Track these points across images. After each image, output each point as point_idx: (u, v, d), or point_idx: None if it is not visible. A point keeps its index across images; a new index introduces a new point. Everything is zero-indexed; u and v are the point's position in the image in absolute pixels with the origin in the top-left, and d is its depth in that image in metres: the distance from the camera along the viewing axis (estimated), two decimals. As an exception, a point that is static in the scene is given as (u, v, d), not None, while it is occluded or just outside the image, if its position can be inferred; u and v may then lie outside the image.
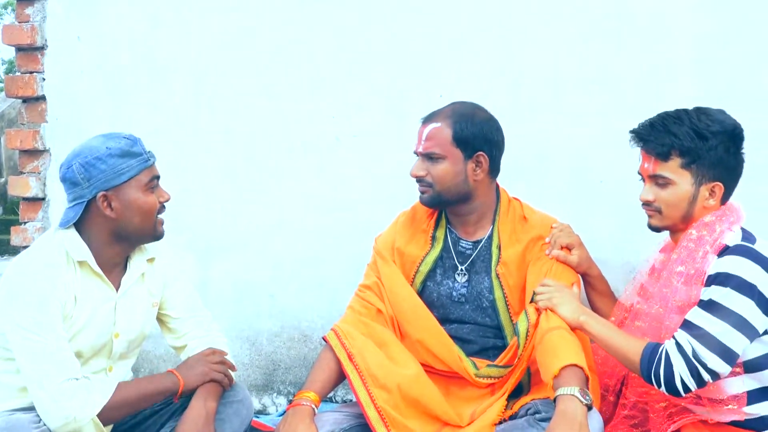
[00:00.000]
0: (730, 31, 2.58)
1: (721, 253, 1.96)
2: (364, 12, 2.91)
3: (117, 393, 2.03)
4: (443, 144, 2.23)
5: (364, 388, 2.12)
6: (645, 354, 1.95)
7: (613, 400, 2.22)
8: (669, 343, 1.94)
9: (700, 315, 1.92)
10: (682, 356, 1.90)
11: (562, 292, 2.12)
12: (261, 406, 3.10)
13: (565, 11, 2.71)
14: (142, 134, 2.23)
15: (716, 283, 1.92)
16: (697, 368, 1.89)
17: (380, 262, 2.38)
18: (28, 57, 3.22)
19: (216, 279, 3.11)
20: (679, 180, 2.02)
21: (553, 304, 2.09)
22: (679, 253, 2.03)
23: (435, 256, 2.34)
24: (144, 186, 2.10)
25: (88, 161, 2.05)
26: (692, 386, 1.90)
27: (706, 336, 1.89)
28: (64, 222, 2.09)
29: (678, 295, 2.00)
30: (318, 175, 2.99)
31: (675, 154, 2.01)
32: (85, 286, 2.09)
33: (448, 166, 2.24)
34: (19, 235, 3.25)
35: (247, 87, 3.03)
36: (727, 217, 2.02)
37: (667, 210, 2.05)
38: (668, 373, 1.91)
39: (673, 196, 2.03)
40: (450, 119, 2.24)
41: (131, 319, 2.18)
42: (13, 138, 3.25)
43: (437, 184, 2.25)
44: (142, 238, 2.17)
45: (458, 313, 2.31)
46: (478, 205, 2.31)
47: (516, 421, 2.06)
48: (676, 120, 2.03)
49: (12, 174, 3.58)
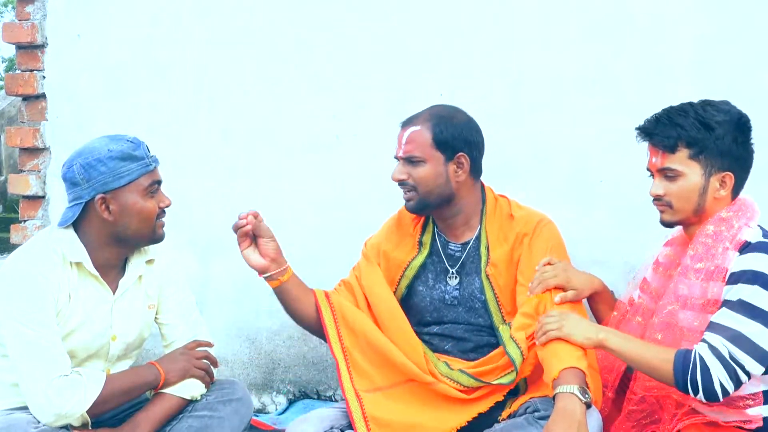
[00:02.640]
0: (730, 31, 2.58)
1: (743, 250, 1.93)
2: (365, 12, 2.91)
3: (105, 387, 2.04)
4: (423, 147, 2.23)
5: (334, 324, 2.26)
6: (677, 362, 1.89)
7: (612, 396, 2.20)
8: (701, 348, 1.88)
9: (731, 316, 1.87)
10: (719, 359, 1.84)
11: (569, 318, 2.03)
12: (260, 404, 3.10)
13: (565, 11, 2.71)
14: (142, 132, 2.23)
15: (743, 281, 1.88)
16: (735, 370, 1.84)
17: (363, 263, 2.41)
18: (28, 55, 3.22)
19: (216, 277, 3.11)
20: (688, 171, 2.00)
21: (565, 334, 1.99)
22: (696, 249, 2.00)
23: (421, 261, 2.35)
24: (143, 190, 2.08)
25: (88, 162, 2.04)
26: (731, 389, 1.86)
27: (740, 337, 1.84)
28: (63, 221, 2.09)
29: (696, 291, 1.97)
30: (318, 174, 2.99)
31: (682, 145, 1.99)
32: (81, 286, 2.08)
33: (429, 168, 2.23)
34: (19, 233, 3.24)
35: (247, 85, 3.03)
36: (743, 212, 2.00)
37: (678, 203, 2.02)
38: (706, 378, 1.85)
39: (682, 189, 2.01)
40: (429, 122, 2.24)
41: (128, 322, 2.18)
42: (13, 136, 3.25)
43: (420, 187, 2.24)
44: (141, 242, 2.15)
45: (451, 315, 2.32)
46: (463, 207, 2.31)
47: (515, 419, 2.06)
48: (680, 112, 2.02)
49: (12, 172, 3.58)
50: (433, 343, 2.32)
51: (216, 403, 2.19)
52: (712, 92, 2.47)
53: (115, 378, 2.10)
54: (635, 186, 2.19)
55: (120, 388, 2.07)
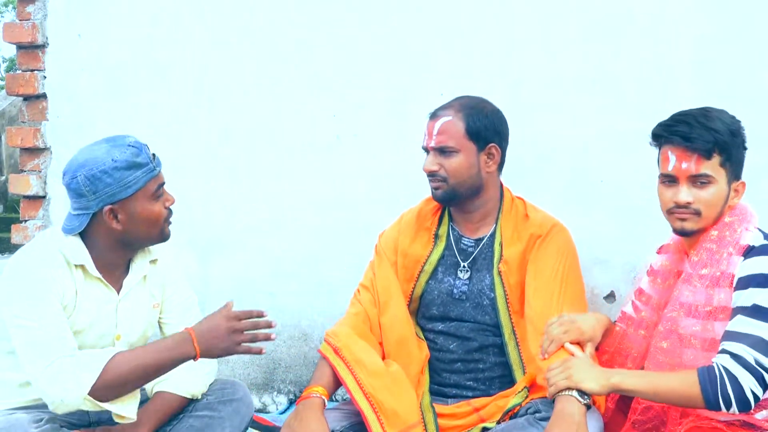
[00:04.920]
0: (730, 32, 2.58)
1: (747, 254, 1.90)
2: (365, 11, 2.91)
3: (110, 370, 1.90)
4: (456, 137, 2.23)
5: (351, 375, 2.13)
6: (703, 381, 1.82)
7: (612, 406, 2.16)
8: (722, 359, 1.83)
9: (748, 322, 1.83)
10: (745, 367, 1.80)
11: (574, 366, 1.94)
12: (261, 404, 3.10)
13: (565, 11, 2.71)
14: (142, 132, 2.23)
15: (753, 285, 1.85)
16: (762, 375, 1.80)
17: (377, 261, 2.40)
18: (29, 55, 3.22)
19: (216, 277, 3.11)
20: (719, 178, 1.94)
21: (575, 382, 1.90)
22: (700, 255, 1.96)
23: (439, 255, 2.34)
24: (150, 195, 2.05)
25: (93, 174, 1.99)
26: (760, 395, 1.82)
27: (762, 342, 1.81)
28: (69, 230, 2.06)
29: (701, 298, 1.94)
30: (318, 173, 2.99)
31: (717, 151, 1.92)
32: (85, 288, 2.07)
33: (462, 159, 2.23)
34: (20, 233, 3.25)
35: (247, 85, 3.03)
36: (744, 216, 1.97)
37: (707, 211, 1.95)
38: (737, 389, 1.80)
39: (713, 196, 1.94)
40: (461, 112, 2.24)
41: (133, 321, 2.17)
42: (14, 136, 3.25)
43: (452, 178, 2.24)
44: (149, 243, 2.14)
45: (458, 311, 2.31)
46: (486, 201, 2.31)
47: (516, 420, 2.06)
48: (706, 116, 1.94)
49: (13, 172, 3.57)
50: (437, 342, 2.32)
51: (216, 403, 2.19)
52: (712, 92, 2.49)
53: (126, 357, 1.94)
54: (636, 186, 2.20)
55: (132, 368, 1.92)
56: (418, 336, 2.34)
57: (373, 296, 2.34)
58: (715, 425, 1.92)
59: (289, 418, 2.09)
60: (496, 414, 2.14)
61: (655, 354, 2.02)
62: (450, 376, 2.30)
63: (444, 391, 2.29)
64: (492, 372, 2.27)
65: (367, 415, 2.06)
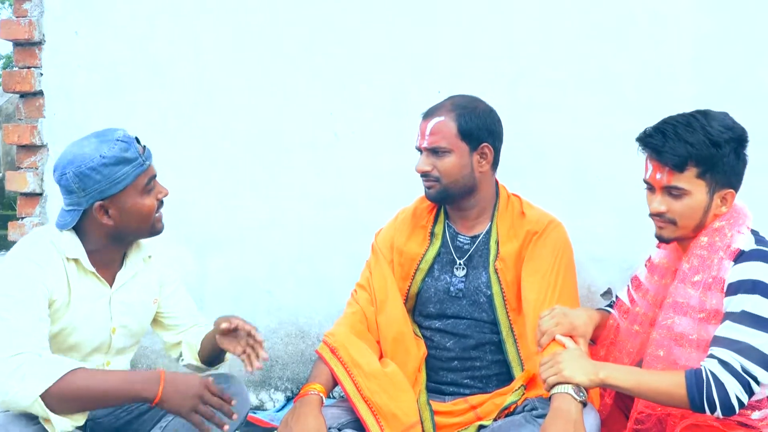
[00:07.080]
0: (730, 31, 2.58)
1: (738, 259, 1.90)
2: (364, 9, 2.90)
3: (69, 380, 1.82)
4: (449, 137, 2.23)
5: (349, 377, 2.13)
6: (689, 384, 1.83)
7: (610, 402, 2.18)
8: (710, 364, 1.83)
9: (736, 329, 1.84)
10: (732, 374, 1.81)
11: (564, 360, 1.93)
12: (258, 401, 3.10)
13: (565, 11, 2.71)
14: (140, 129, 2.21)
15: (742, 291, 1.85)
16: (748, 382, 1.81)
17: (373, 260, 2.40)
18: (25, 52, 3.22)
19: (213, 275, 3.11)
20: (694, 190, 1.93)
21: (565, 377, 1.89)
22: (691, 262, 1.97)
23: (434, 253, 2.35)
24: (141, 190, 2.04)
25: (81, 171, 1.97)
26: (745, 401, 1.83)
27: (748, 349, 1.81)
28: (61, 225, 2.06)
29: (694, 302, 1.94)
30: (316, 171, 2.99)
31: (691, 164, 1.91)
32: (78, 282, 2.06)
33: (454, 159, 2.23)
34: (17, 230, 3.24)
35: (245, 83, 3.03)
36: (735, 220, 1.96)
37: (682, 221, 1.96)
38: (722, 394, 1.80)
39: (687, 208, 1.95)
40: (453, 112, 2.24)
41: (127, 314, 2.17)
42: (10, 133, 3.25)
43: (444, 178, 2.24)
44: (140, 237, 2.15)
45: (455, 309, 2.31)
46: (480, 199, 2.31)
47: (513, 417, 2.06)
48: (688, 128, 1.92)
49: (9, 169, 3.57)
50: (434, 339, 2.32)
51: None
52: (711, 92, 2.49)
53: (92, 375, 1.88)
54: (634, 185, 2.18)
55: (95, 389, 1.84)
56: (416, 334, 2.35)
57: (370, 295, 2.34)
58: (712, 423, 1.92)
59: (287, 416, 2.09)
60: (493, 412, 2.14)
61: (652, 363, 2.01)
62: (447, 373, 2.30)
63: (441, 388, 2.30)
64: (489, 370, 2.28)
65: (366, 419, 2.08)
